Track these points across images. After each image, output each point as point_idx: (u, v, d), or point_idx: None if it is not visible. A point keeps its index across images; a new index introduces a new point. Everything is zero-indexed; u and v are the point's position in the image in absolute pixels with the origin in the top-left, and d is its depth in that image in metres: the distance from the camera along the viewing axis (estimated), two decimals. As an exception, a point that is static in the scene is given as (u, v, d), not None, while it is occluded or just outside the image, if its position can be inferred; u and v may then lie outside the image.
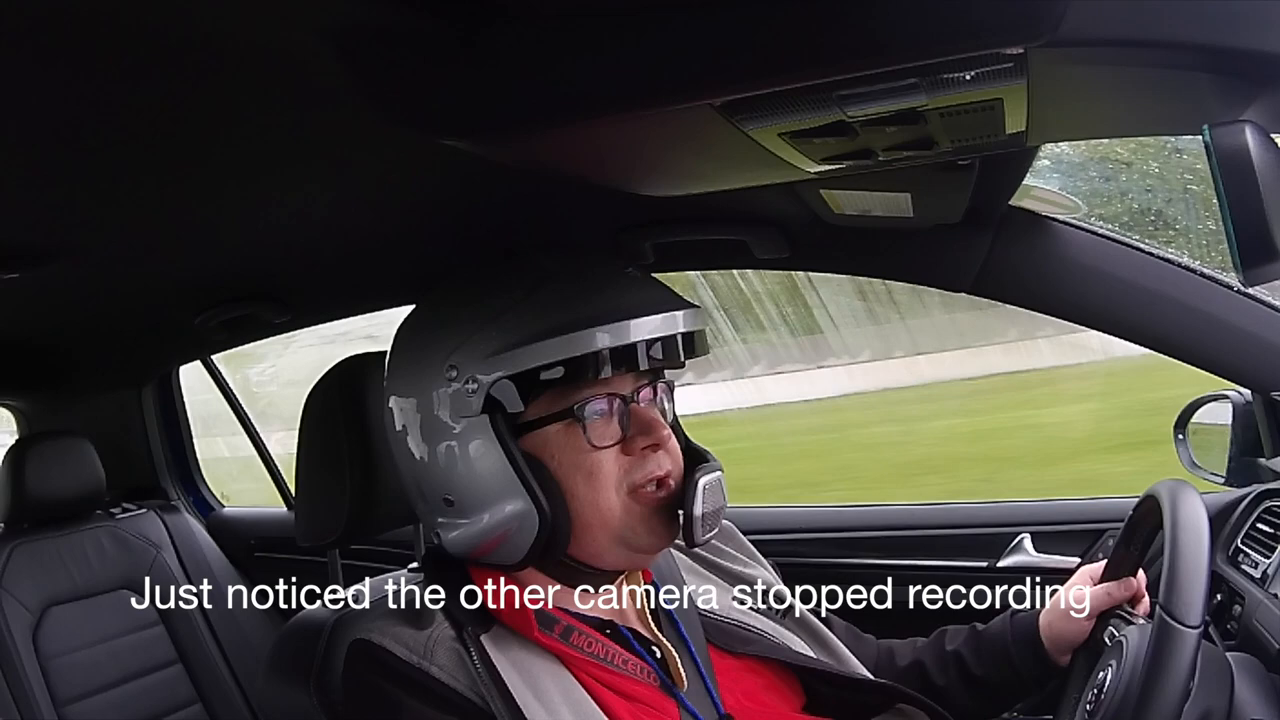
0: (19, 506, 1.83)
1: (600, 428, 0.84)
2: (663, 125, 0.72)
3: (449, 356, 0.84)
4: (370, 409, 1.06)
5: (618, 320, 0.81)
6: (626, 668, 0.85)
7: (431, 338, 0.87)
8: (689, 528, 0.85)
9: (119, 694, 1.83)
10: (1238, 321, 1.17)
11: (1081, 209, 1.25)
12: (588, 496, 0.84)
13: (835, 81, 0.61)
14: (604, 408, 0.84)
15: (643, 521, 0.85)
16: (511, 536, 0.84)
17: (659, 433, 0.85)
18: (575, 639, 0.84)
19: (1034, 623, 1.02)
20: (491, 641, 0.84)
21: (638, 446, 0.85)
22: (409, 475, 0.90)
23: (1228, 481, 1.34)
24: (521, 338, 0.81)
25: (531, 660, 0.83)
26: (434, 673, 0.80)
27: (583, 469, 0.83)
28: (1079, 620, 0.99)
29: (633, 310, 0.82)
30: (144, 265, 1.37)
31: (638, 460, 0.85)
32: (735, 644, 0.93)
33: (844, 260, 1.40)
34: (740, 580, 1.02)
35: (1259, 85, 0.64)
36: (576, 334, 0.80)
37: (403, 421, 0.88)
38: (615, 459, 0.84)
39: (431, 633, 0.83)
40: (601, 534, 0.84)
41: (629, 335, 0.81)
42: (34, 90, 0.70)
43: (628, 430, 0.85)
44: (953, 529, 1.53)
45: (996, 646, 1.03)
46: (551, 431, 0.84)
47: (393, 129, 0.70)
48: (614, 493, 0.84)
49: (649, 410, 0.86)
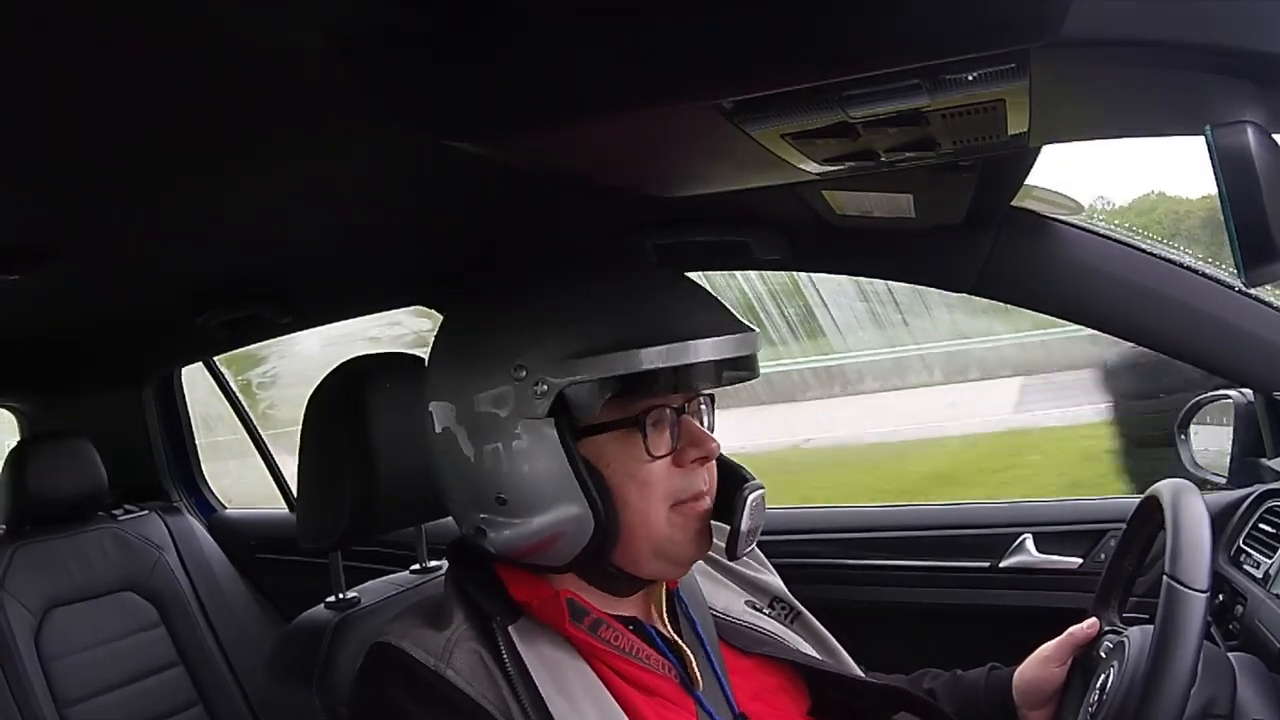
0: (20, 507, 1.84)
1: (657, 439, 0.85)
2: (665, 125, 0.72)
3: (518, 357, 0.83)
4: (371, 411, 1.06)
5: (687, 339, 0.82)
6: (650, 663, 0.86)
7: (491, 336, 0.86)
8: (733, 541, 0.86)
9: (120, 695, 1.83)
10: (1238, 321, 1.18)
11: (1083, 209, 1.25)
12: (639, 506, 0.84)
13: (838, 82, 0.61)
14: (662, 419, 0.85)
15: (684, 534, 0.86)
16: (563, 540, 0.84)
17: (708, 446, 0.86)
18: (604, 632, 0.85)
19: (1008, 677, 1.03)
20: (518, 633, 0.84)
21: (688, 459, 0.86)
22: (454, 477, 0.89)
23: (1229, 482, 1.34)
24: (600, 344, 0.81)
25: (556, 654, 0.84)
26: (449, 676, 0.80)
27: (637, 478, 0.84)
28: (1052, 667, 0.99)
29: (699, 330, 0.84)
30: (145, 266, 1.37)
31: (686, 473, 0.86)
32: (749, 644, 0.94)
33: (845, 261, 1.41)
34: (752, 585, 1.03)
35: (1261, 85, 0.64)
36: (652, 349, 0.81)
37: (446, 424, 0.87)
38: (667, 470, 0.85)
39: (450, 634, 0.83)
40: (645, 544, 0.85)
41: (695, 356, 0.83)
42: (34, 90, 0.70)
43: (678, 442, 0.86)
44: (954, 530, 1.53)
45: (969, 692, 1.03)
46: (610, 438, 0.84)
47: (394, 129, 0.70)
48: (662, 504, 0.85)
49: (699, 424, 0.88)
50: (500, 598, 0.87)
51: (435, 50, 0.65)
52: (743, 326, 0.88)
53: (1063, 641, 1.00)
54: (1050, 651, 1.00)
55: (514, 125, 0.68)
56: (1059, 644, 1.00)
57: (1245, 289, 1.18)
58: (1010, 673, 1.03)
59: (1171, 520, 0.85)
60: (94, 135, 0.81)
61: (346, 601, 1.12)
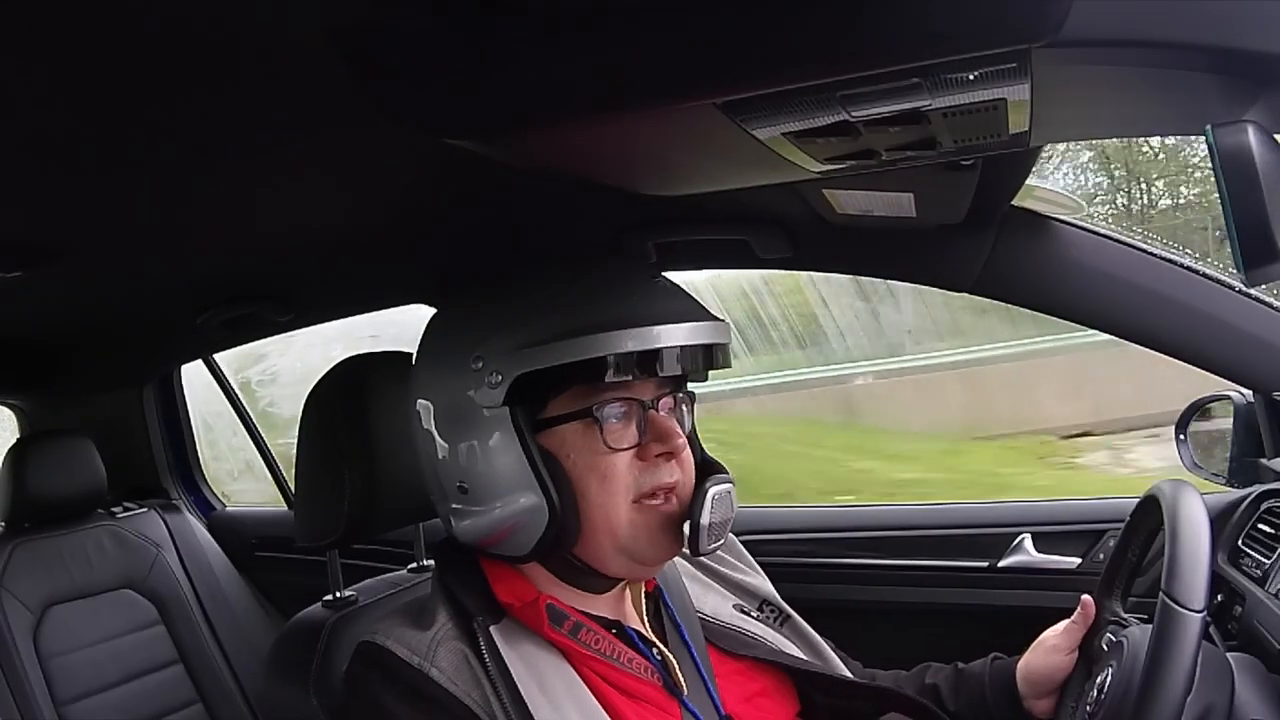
0: (20, 505, 1.83)
1: (618, 430, 0.84)
2: (666, 124, 0.72)
3: (476, 347, 0.84)
4: (370, 409, 1.06)
5: (644, 325, 0.82)
6: (632, 666, 0.86)
7: (458, 332, 0.87)
8: (695, 536, 0.84)
9: (119, 693, 1.83)
10: (1238, 321, 1.18)
11: (1083, 209, 1.25)
12: (599, 499, 0.84)
13: (839, 81, 0.61)
14: (622, 411, 0.84)
15: (647, 533, 0.85)
16: (520, 529, 0.84)
17: (673, 441, 0.85)
18: (584, 635, 0.85)
19: (1011, 668, 1.02)
20: (500, 634, 0.84)
21: (651, 453, 0.85)
22: (430, 470, 0.91)
23: (1229, 482, 1.34)
24: (548, 334, 0.81)
25: (538, 655, 0.84)
26: (433, 675, 0.80)
27: (597, 470, 0.84)
28: (1060, 656, 0.99)
29: (659, 317, 0.83)
30: (145, 264, 1.37)
31: (649, 467, 0.84)
32: (737, 647, 0.94)
33: (846, 260, 1.41)
34: (740, 588, 1.03)
35: (1261, 85, 0.64)
36: (602, 335, 0.80)
37: (428, 418, 0.89)
38: (629, 464, 0.84)
39: (434, 633, 0.84)
40: (607, 540, 0.85)
41: (653, 341, 0.82)
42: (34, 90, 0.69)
43: (644, 436, 0.85)
44: (953, 529, 1.53)
45: (973, 686, 1.03)
46: (570, 430, 0.84)
47: (394, 128, 0.70)
48: (623, 499, 0.84)
49: (667, 419, 0.87)
50: (484, 597, 0.87)
51: (434, 50, 0.65)
52: (711, 316, 0.87)
53: (1070, 629, 0.99)
54: (1058, 640, 1.00)
55: (513, 124, 0.69)
56: (1066, 632, 0.99)
57: (1245, 289, 1.18)
58: (1014, 663, 1.02)
59: (1170, 529, 0.84)
60: (94, 135, 0.81)
61: (344, 600, 1.12)
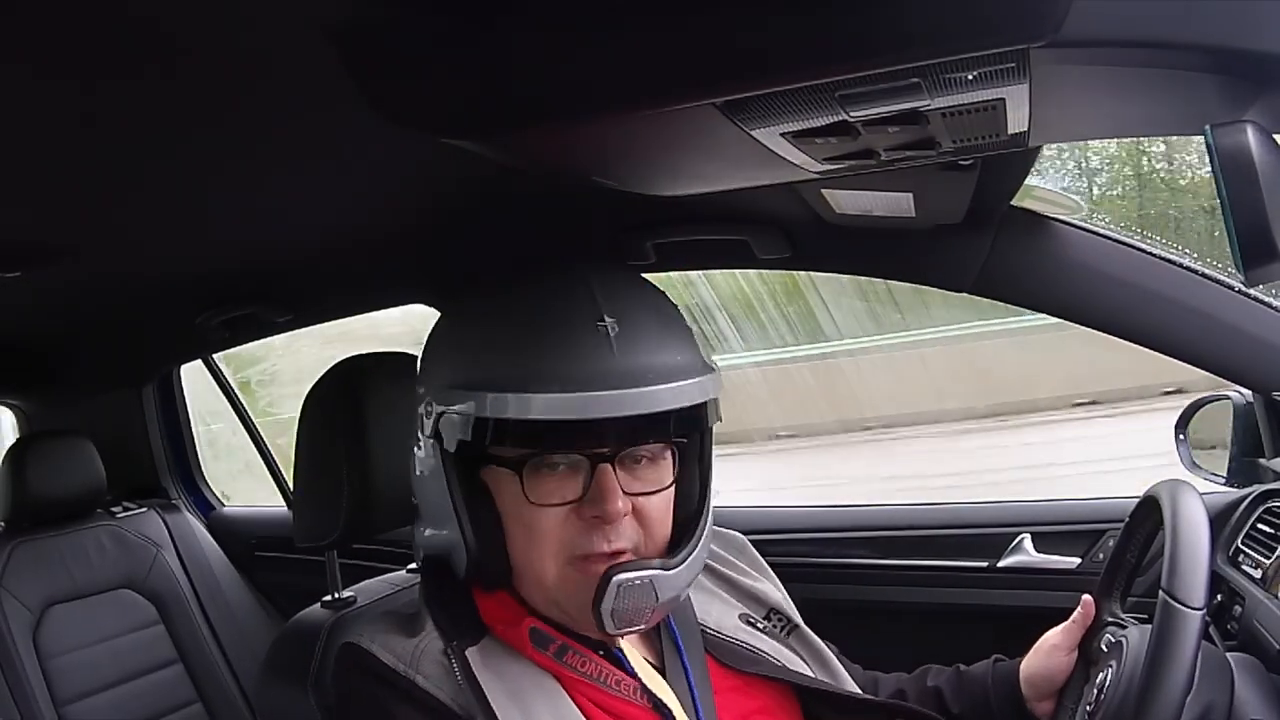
0: (20, 505, 1.83)
1: (549, 485, 0.78)
2: (665, 124, 0.72)
3: (424, 375, 0.85)
4: (369, 410, 1.06)
5: (569, 392, 0.74)
6: (620, 689, 0.83)
7: (426, 356, 0.88)
8: (598, 620, 0.78)
9: (119, 693, 1.83)
10: (1238, 321, 1.17)
11: (1083, 209, 1.25)
12: (525, 550, 0.80)
13: (838, 81, 0.61)
14: (560, 464, 0.78)
15: (578, 593, 0.79)
16: (452, 558, 0.84)
17: (606, 507, 0.77)
18: (570, 658, 0.82)
19: (1014, 669, 1.01)
20: (480, 655, 0.82)
21: (587, 514, 0.78)
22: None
23: (1228, 482, 1.34)
24: (478, 380, 0.77)
25: (523, 676, 0.81)
26: (419, 682, 0.80)
27: (522, 521, 0.79)
28: (1061, 656, 0.98)
29: (589, 382, 0.75)
30: (145, 264, 1.37)
31: (586, 529, 0.78)
32: (739, 663, 0.91)
33: (845, 260, 1.40)
34: (748, 595, 0.99)
35: (1260, 85, 0.64)
36: (518, 396, 0.75)
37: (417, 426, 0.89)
38: (564, 521, 0.78)
39: (419, 642, 0.83)
40: (537, 591, 0.82)
41: (586, 411, 0.74)
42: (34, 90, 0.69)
43: (586, 493, 0.78)
44: (953, 529, 1.52)
45: (976, 688, 1.02)
46: (502, 474, 0.80)
47: (393, 128, 0.70)
48: (551, 557, 0.79)
49: (610, 480, 0.78)
50: (464, 616, 0.85)
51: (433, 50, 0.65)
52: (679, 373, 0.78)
53: (1070, 629, 0.99)
54: (1058, 640, 0.99)
55: (511, 124, 0.68)
56: (1066, 632, 0.99)
57: (1245, 289, 1.18)
58: (1016, 665, 1.01)
59: (1170, 528, 0.84)
60: (93, 135, 0.81)
61: (343, 601, 1.11)
